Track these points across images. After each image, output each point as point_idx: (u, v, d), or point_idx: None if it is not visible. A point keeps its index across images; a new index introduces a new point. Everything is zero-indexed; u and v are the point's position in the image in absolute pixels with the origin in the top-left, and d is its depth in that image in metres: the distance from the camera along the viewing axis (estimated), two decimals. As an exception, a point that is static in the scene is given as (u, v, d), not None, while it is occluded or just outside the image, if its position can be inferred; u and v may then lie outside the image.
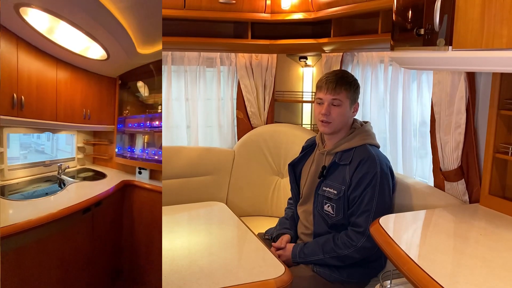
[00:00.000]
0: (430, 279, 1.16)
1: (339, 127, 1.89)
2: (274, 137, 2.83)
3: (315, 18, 2.50)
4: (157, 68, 1.66)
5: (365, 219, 1.75)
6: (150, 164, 1.90)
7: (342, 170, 1.85)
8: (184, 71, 2.87)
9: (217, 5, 2.49)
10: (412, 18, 1.47)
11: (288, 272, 1.45)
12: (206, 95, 2.96)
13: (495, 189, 1.68)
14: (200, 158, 2.78)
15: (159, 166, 1.97)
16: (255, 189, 2.82)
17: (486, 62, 1.23)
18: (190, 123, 2.94)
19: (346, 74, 1.93)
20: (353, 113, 1.92)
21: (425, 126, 2.15)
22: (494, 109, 1.64)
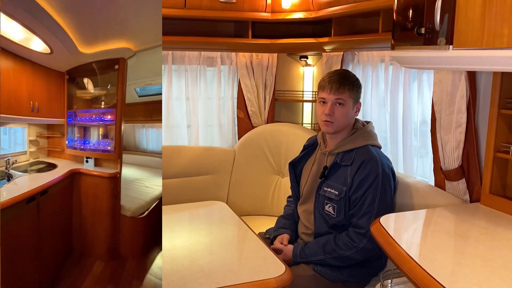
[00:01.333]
0: (431, 278, 1.16)
1: (342, 127, 1.89)
2: (275, 137, 2.83)
3: (315, 17, 2.50)
4: (100, 67, 1.76)
5: (366, 220, 1.75)
6: (97, 154, 2.08)
7: (343, 171, 1.84)
8: (184, 71, 2.87)
9: (218, 4, 2.49)
10: (413, 17, 1.47)
11: (289, 271, 1.45)
12: (206, 95, 2.96)
13: (495, 188, 1.68)
14: (201, 158, 2.78)
15: (106, 155, 2.12)
16: (255, 189, 2.82)
17: (487, 61, 1.23)
18: (191, 122, 2.93)
19: (349, 74, 1.93)
20: (355, 113, 1.91)
21: (425, 126, 2.15)
22: (494, 108, 1.63)
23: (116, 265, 1.99)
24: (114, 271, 1.95)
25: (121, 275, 1.92)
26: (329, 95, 1.86)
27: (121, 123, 2.11)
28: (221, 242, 1.76)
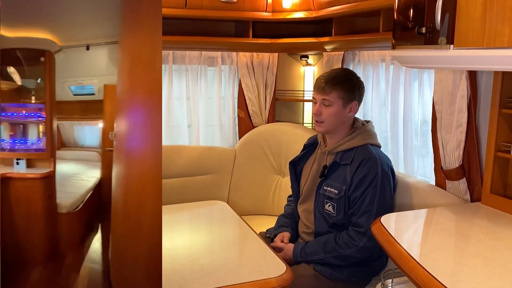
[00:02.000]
0: (432, 277, 1.16)
1: (332, 127, 1.89)
2: (275, 136, 2.83)
3: (316, 17, 2.50)
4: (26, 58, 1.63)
5: (366, 219, 1.75)
6: (28, 154, 1.95)
7: (343, 170, 1.84)
8: (185, 70, 2.87)
9: (218, 4, 2.49)
10: (414, 17, 1.47)
11: (289, 270, 1.45)
12: (207, 94, 2.96)
13: (496, 188, 1.68)
14: (201, 157, 2.78)
15: (38, 155, 2.01)
16: (256, 188, 2.82)
17: (487, 61, 1.23)
18: (191, 122, 2.94)
19: (340, 74, 1.89)
20: (349, 113, 1.88)
21: (426, 125, 2.15)
22: (495, 107, 1.63)
23: (54, 265, 1.93)
24: (53, 272, 1.89)
25: (60, 272, 1.87)
26: (317, 95, 1.87)
27: (51, 120, 2.02)
28: (221, 241, 1.76)
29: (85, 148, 2.95)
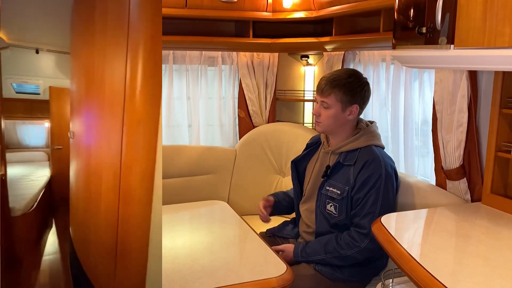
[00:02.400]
0: (432, 277, 1.16)
1: (329, 129, 1.89)
2: (276, 136, 2.83)
3: (316, 16, 2.50)
4: None
5: (368, 221, 1.74)
6: None
7: (346, 170, 1.84)
8: (185, 70, 2.87)
9: (219, 3, 2.49)
10: (414, 17, 1.47)
11: (290, 270, 1.45)
12: (207, 94, 2.96)
13: (497, 188, 1.68)
14: (202, 157, 2.78)
15: None
16: (256, 188, 2.81)
17: (488, 61, 1.23)
18: (192, 122, 2.94)
19: (341, 76, 1.85)
20: (349, 116, 1.86)
21: (427, 125, 2.15)
22: (496, 107, 1.63)
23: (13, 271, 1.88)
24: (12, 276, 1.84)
25: (20, 275, 1.83)
26: (317, 96, 1.88)
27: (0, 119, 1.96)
28: (222, 241, 1.76)
29: (30, 148, 2.94)
